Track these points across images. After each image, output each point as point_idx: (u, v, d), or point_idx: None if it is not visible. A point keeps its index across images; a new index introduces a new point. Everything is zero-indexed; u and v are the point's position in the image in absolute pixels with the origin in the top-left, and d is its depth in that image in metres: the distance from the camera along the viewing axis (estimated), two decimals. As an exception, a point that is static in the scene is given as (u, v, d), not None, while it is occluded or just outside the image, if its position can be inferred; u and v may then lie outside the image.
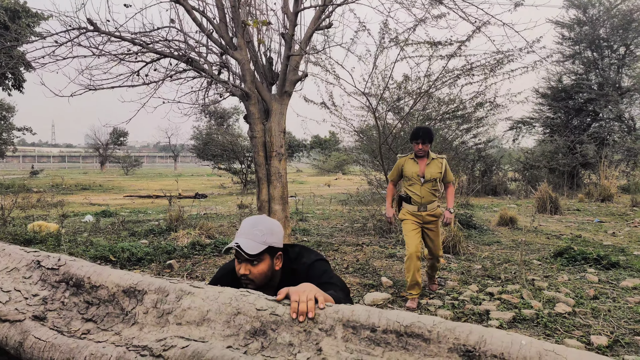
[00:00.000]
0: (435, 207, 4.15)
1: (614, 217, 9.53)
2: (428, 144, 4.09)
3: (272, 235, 1.73)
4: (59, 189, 18.23)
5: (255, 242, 1.69)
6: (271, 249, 1.73)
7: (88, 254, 5.31)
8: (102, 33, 4.42)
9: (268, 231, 1.72)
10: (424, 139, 4.05)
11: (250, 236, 1.70)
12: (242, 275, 1.70)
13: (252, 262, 1.69)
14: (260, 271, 1.70)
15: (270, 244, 1.72)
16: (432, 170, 4.12)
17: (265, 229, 1.73)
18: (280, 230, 1.79)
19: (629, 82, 16.83)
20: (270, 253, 1.74)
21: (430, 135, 4.09)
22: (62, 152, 70.37)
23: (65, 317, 1.46)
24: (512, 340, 1.12)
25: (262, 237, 1.70)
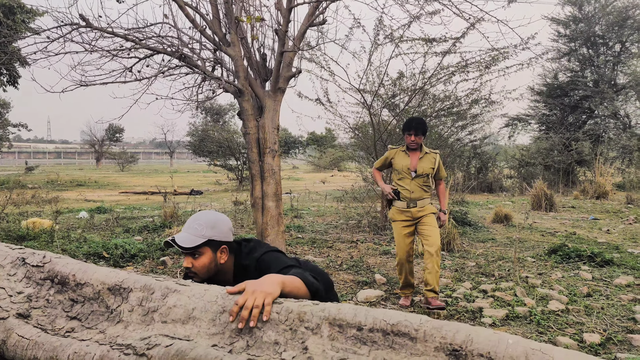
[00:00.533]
0: (427, 204, 3.89)
1: (608, 215, 9.57)
2: (421, 136, 3.84)
3: (212, 229, 1.75)
4: (54, 185, 18.14)
5: (193, 235, 1.72)
6: (212, 242, 1.75)
7: (81, 250, 5.28)
8: (95, 29, 4.37)
9: (208, 225, 1.75)
10: (417, 130, 3.80)
11: (190, 230, 1.74)
12: (185, 269, 1.75)
13: (193, 256, 1.73)
14: (202, 264, 1.74)
15: (210, 237, 1.74)
16: (424, 165, 3.87)
17: (205, 222, 1.75)
18: (225, 225, 1.80)
19: (624, 79, 16.88)
20: (212, 246, 1.76)
21: (424, 127, 3.84)
22: (57, 149, 70.04)
23: (49, 315, 1.44)
24: (499, 339, 1.11)
25: (201, 230, 1.73)
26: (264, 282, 1.35)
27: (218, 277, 1.80)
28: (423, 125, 3.84)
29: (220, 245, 1.78)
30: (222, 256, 1.79)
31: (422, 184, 3.88)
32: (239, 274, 1.80)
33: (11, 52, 7.12)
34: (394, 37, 6.20)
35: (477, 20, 4.86)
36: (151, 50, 4.55)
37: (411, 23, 5.90)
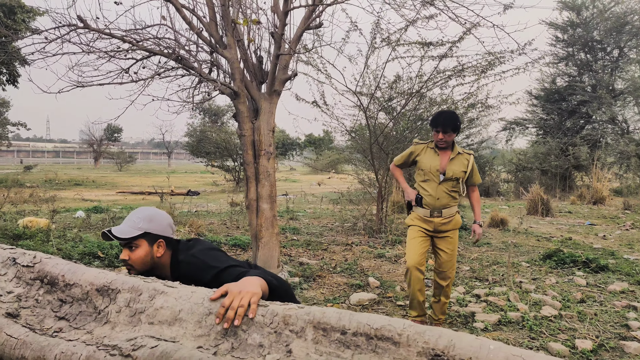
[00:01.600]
0: (453, 213, 3.35)
1: (605, 220, 9.60)
2: (452, 133, 3.24)
3: (149, 222, 1.79)
4: (52, 185, 18.12)
5: (130, 227, 1.77)
6: (149, 235, 1.79)
7: (77, 250, 5.28)
8: (92, 30, 4.39)
9: (146, 218, 1.79)
10: (446, 126, 3.21)
11: (128, 222, 1.79)
12: (122, 261, 1.78)
13: (130, 248, 1.77)
14: (137, 257, 1.77)
15: (146, 229, 1.78)
16: (455, 168, 3.32)
17: (143, 216, 1.80)
18: (164, 220, 1.85)
19: (622, 85, 16.95)
20: (148, 239, 1.79)
21: (455, 122, 3.24)
22: (56, 148, 69.96)
23: (38, 314, 1.45)
24: (481, 344, 1.13)
25: (138, 223, 1.77)
26: (247, 283, 1.37)
27: (155, 272, 1.83)
28: (453, 121, 3.24)
29: (157, 239, 1.81)
30: (158, 250, 1.81)
31: (450, 190, 3.33)
32: (174, 270, 1.82)
33: (11, 52, 7.13)
34: (391, 40, 6.24)
35: (473, 25, 4.89)
36: (148, 52, 4.57)
37: (408, 27, 5.94)
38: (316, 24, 4.52)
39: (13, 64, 16.88)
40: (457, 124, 3.26)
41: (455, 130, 3.28)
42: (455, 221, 3.37)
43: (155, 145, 69.31)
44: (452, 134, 3.27)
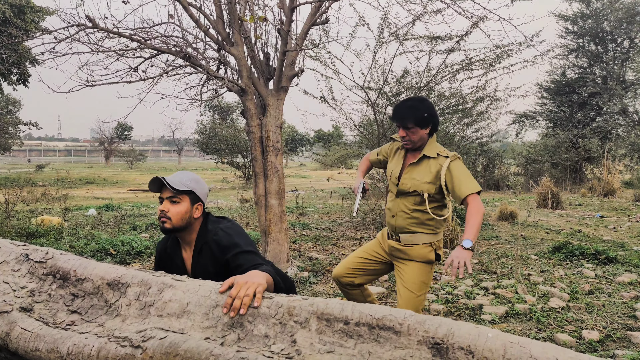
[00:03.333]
0: (416, 242, 2.45)
1: (616, 212, 9.50)
2: (417, 129, 2.36)
3: (196, 183, 1.89)
4: (64, 183, 18.38)
5: (179, 182, 1.84)
6: (193, 195, 1.86)
7: (89, 247, 5.38)
8: (101, 29, 4.44)
9: (193, 179, 1.89)
10: (405, 119, 2.35)
11: (177, 178, 1.87)
12: (161, 212, 1.83)
13: (172, 200, 1.83)
14: (178, 211, 1.83)
15: (193, 189, 1.86)
16: (414, 176, 2.42)
17: (191, 177, 1.89)
18: (205, 187, 1.94)
19: (633, 76, 16.69)
20: (191, 198, 1.87)
21: (417, 113, 2.34)
22: (68, 146, 70.83)
23: (51, 308, 1.50)
24: (479, 333, 1.15)
25: (187, 181, 1.86)
26: (253, 275, 1.42)
27: (184, 233, 1.88)
28: (415, 111, 2.35)
29: (197, 201, 1.89)
30: (196, 211, 1.88)
31: (412, 209, 2.44)
32: (201, 237, 1.88)
33: (21, 52, 7.25)
34: (399, 35, 6.22)
35: (480, 18, 4.86)
36: (156, 50, 4.62)
37: (415, 21, 5.91)
38: (323, 20, 4.53)
39: (24, 64, 17.12)
40: (423, 115, 2.34)
41: (422, 124, 2.36)
42: (416, 252, 2.45)
43: (166, 143, 69.85)
44: (418, 129, 2.36)
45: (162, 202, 1.86)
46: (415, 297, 2.45)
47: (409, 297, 2.44)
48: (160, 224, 1.84)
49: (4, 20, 13.97)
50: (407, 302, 2.44)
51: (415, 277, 2.45)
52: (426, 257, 2.47)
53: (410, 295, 2.44)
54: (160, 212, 1.84)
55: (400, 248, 2.50)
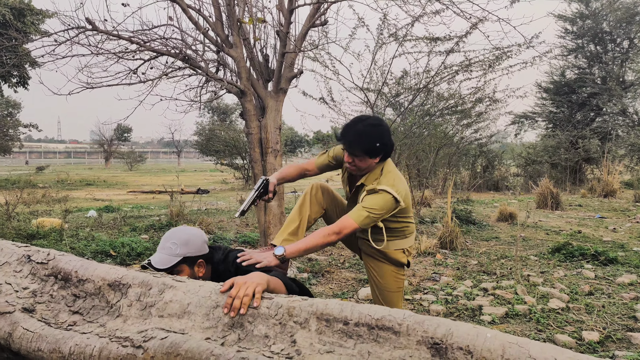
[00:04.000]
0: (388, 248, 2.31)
1: (616, 213, 9.51)
2: (363, 157, 2.13)
3: (186, 246, 1.76)
4: (64, 185, 18.39)
5: (167, 255, 1.74)
6: (188, 259, 1.77)
7: (89, 248, 5.39)
8: (101, 32, 4.46)
9: (182, 242, 1.76)
10: (352, 146, 2.12)
11: (164, 250, 1.75)
12: None
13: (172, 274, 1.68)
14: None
15: (185, 254, 1.75)
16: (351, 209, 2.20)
17: (178, 240, 1.76)
18: (198, 239, 1.80)
19: (633, 76, 16.72)
20: (189, 263, 1.77)
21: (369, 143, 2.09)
22: (67, 148, 70.85)
23: (53, 309, 1.51)
24: (478, 333, 1.16)
25: (175, 249, 1.74)
26: (252, 276, 1.43)
27: None
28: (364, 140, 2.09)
29: (196, 260, 1.80)
30: (199, 270, 1.81)
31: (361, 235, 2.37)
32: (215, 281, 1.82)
33: (21, 54, 7.27)
34: (398, 36, 6.24)
35: (479, 20, 4.88)
36: (155, 52, 4.64)
37: (414, 23, 5.93)
38: (321, 22, 4.55)
39: (23, 66, 17.14)
40: (375, 145, 2.08)
41: (372, 154, 2.11)
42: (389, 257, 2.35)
43: (165, 145, 69.84)
44: (367, 157, 2.12)
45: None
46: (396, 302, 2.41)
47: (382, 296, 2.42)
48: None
49: (3, 23, 13.99)
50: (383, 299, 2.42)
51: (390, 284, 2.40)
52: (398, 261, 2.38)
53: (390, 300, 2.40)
54: None
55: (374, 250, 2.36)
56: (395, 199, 2.11)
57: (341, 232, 2.03)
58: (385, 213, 2.11)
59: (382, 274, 2.39)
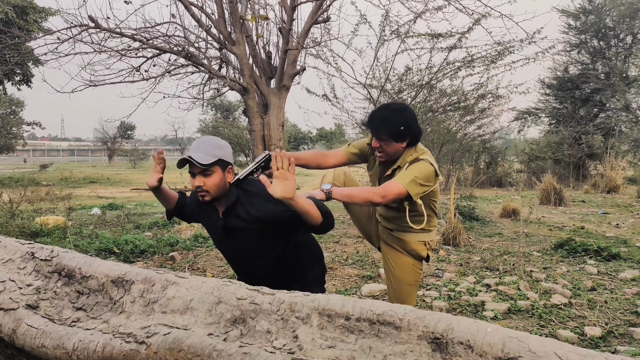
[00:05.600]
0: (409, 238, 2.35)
1: (619, 209, 9.48)
2: (390, 141, 2.16)
3: (220, 149, 1.84)
4: (68, 183, 18.47)
5: (205, 154, 1.79)
6: (221, 161, 1.83)
7: (93, 246, 5.41)
8: (103, 30, 4.47)
9: (216, 145, 1.84)
10: (378, 131, 2.15)
11: (201, 151, 1.80)
12: (197, 187, 1.82)
13: (205, 174, 1.80)
14: (213, 182, 1.81)
15: (220, 156, 1.82)
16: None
17: (213, 143, 1.84)
18: (229, 148, 1.91)
19: (636, 72, 16.62)
20: (221, 166, 1.84)
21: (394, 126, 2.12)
22: (71, 146, 71.07)
23: (57, 306, 1.52)
24: (478, 327, 1.17)
25: (212, 150, 1.81)
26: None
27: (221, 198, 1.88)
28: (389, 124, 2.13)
29: (227, 166, 1.87)
30: (229, 175, 1.88)
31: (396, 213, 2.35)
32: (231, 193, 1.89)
33: (24, 52, 7.29)
34: (400, 32, 6.23)
35: (482, 15, 4.86)
36: (158, 50, 4.64)
37: (416, 19, 5.92)
38: (324, 18, 4.54)
39: (27, 65, 17.19)
40: (399, 128, 2.11)
41: (398, 138, 2.14)
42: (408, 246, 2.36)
43: (168, 142, 69.98)
44: (393, 142, 2.15)
45: (193, 176, 1.84)
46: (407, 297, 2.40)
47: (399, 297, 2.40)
48: (200, 197, 1.83)
49: (6, 21, 14.01)
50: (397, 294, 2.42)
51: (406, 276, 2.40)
52: (418, 254, 2.39)
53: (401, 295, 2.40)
54: (196, 187, 1.83)
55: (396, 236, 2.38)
56: (435, 171, 2.15)
57: (386, 195, 2.02)
58: (426, 183, 2.12)
59: (400, 265, 2.38)
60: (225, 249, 2.00)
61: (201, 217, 2.02)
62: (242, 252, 1.91)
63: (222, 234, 1.92)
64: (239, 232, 1.87)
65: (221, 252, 2.05)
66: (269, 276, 1.94)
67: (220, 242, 1.98)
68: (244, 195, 1.88)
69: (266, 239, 1.86)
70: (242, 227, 1.85)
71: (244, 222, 1.84)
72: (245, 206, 1.85)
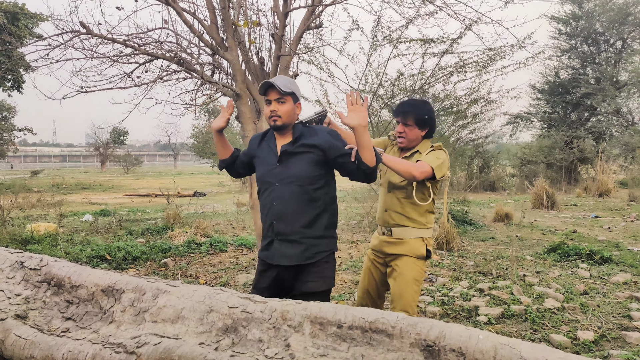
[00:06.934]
0: (408, 237, 2.50)
1: (610, 212, 9.56)
2: (415, 127, 2.48)
3: (294, 85, 2.17)
4: (59, 189, 18.31)
5: (284, 85, 2.10)
6: (294, 95, 2.15)
7: (84, 253, 5.36)
8: (95, 35, 4.45)
9: (292, 82, 2.17)
10: (405, 115, 2.48)
11: (280, 81, 2.11)
12: (272, 112, 2.10)
13: (280, 101, 2.09)
14: (285, 110, 2.11)
15: (294, 90, 2.14)
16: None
17: (289, 80, 2.18)
18: (299, 88, 2.22)
19: (626, 76, 16.82)
20: (293, 99, 2.15)
21: (420, 113, 2.47)
22: (63, 152, 70.48)
23: (46, 315, 1.50)
24: (470, 334, 1.17)
25: (289, 84, 2.14)
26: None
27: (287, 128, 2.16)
28: (416, 110, 2.48)
29: (297, 101, 2.17)
30: (298, 109, 2.19)
31: (403, 202, 2.51)
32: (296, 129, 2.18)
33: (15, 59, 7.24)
34: (392, 38, 6.26)
35: (473, 21, 4.90)
36: (150, 56, 4.63)
37: (408, 25, 5.95)
38: (316, 24, 4.55)
39: (18, 71, 17.08)
40: (424, 116, 2.47)
41: (421, 124, 2.48)
42: (408, 247, 2.49)
43: (161, 147, 69.65)
44: (416, 128, 2.48)
45: (269, 103, 2.11)
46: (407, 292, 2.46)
47: (402, 293, 2.46)
48: (272, 122, 2.10)
49: (-3, 26, 13.92)
50: (400, 298, 2.46)
51: (407, 272, 2.47)
52: (418, 252, 2.50)
53: (403, 290, 2.46)
54: (270, 112, 2.10)
55: (393, 241, 2.53)
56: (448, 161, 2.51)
57: (423, 171, 2.31)
58: (445, 169, 2.45)
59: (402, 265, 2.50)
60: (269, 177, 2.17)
61: (260, 150, 2.26)
62: (286, 176, 2.11)
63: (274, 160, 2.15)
64: (293, 155, 2.11)
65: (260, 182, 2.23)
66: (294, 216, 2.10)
67: (267, 170, 2.17)
68: (307, 131, 2.17)
69: (313, 168, 2.09)
70: (298, 152, 2.11)
71: (303, 147, 2.11)
72: (307, 137, 2.13)
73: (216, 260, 5.54)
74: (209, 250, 5.95)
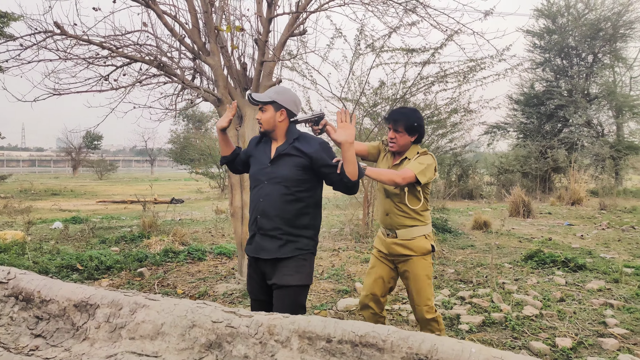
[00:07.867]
0: (414, 235, 2.69)
1: (583, 220, 9.82)
2: (405, 134, 2.65)
3: (278, 94, 2.28)
4: (28, 195, 17.68)
5: (265, 95, 2.29)
6: (275, 103, 2.27)
7: (54, 263, 5.15)
8: (70, 36, 4.31)
9: (277, 91, 2.30)
10: (396, 122, 2.66)
11: (265, 92, 2.32)
12: (257, 119, 2.31)
13: (261, 109, 2.28)
14: (266, 117, 2.28)
15: (274, 99, 2.26)
16: None
17: (275, 90, 2.31)
18: (292, 96, 2.33)
19: (597, 89, 17.42)
20: (275, 107, 2.28)
21: (409, 121, 2.64)
22: (32, 156, 68.22)
23: (13, 332, 1.40)
24: (463, 348, 1.14)
25: (270, 94, 2.29)
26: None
27: (275, 133, 2.33)
28: (407, 118, 2.65)
29: (280, 108, 2.28)
30: (281, 116, 2.29)
31: (400, 206, 2.71)
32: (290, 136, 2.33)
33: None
34: (375, 47, 6.29)
35: (455, 32, 4.97)
36: (128, 59, 4.51)
37: (391, 34, 6.00)
38: (300, 31, 4.53)
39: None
40: (413, 124, 2.64)
41: (410, 131, 2.65)
42: (416, 245, 2.69)
43: (138, 153, 68.25)
44: (406, 134, 2.65)
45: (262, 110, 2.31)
46: (424, 288, 2.70)
47: (419, 290, 2.70)
48: (259, 127, 2.33)
49: (-34, 25, 13.43)
50: (418, 295, 2.70)
51: (420, 272, 2.70)
52: (424, 249, 2.72)
53: (419, 287, 2.70)
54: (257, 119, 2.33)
55: (402, 243, 2.72)
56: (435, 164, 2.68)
57: (405, 178, 2.51)
58: (430, 173, 2.63)
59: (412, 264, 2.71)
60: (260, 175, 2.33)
61: (256, 150, 2.43)
62: (275, 176, 2.26)
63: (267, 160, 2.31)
64: (284, 157, 2.27)
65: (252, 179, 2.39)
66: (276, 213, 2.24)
67: (259, 169, 2.34)
68: (303, 137, 2.32)
69: (299, 172, 2.24)
70: (290, 155, 2.27)
71: (295, 151, 2.27)
72: (300, 143, 2.28)
73: (194, 269, 5.41)
74: (187, 259, 5.80)
